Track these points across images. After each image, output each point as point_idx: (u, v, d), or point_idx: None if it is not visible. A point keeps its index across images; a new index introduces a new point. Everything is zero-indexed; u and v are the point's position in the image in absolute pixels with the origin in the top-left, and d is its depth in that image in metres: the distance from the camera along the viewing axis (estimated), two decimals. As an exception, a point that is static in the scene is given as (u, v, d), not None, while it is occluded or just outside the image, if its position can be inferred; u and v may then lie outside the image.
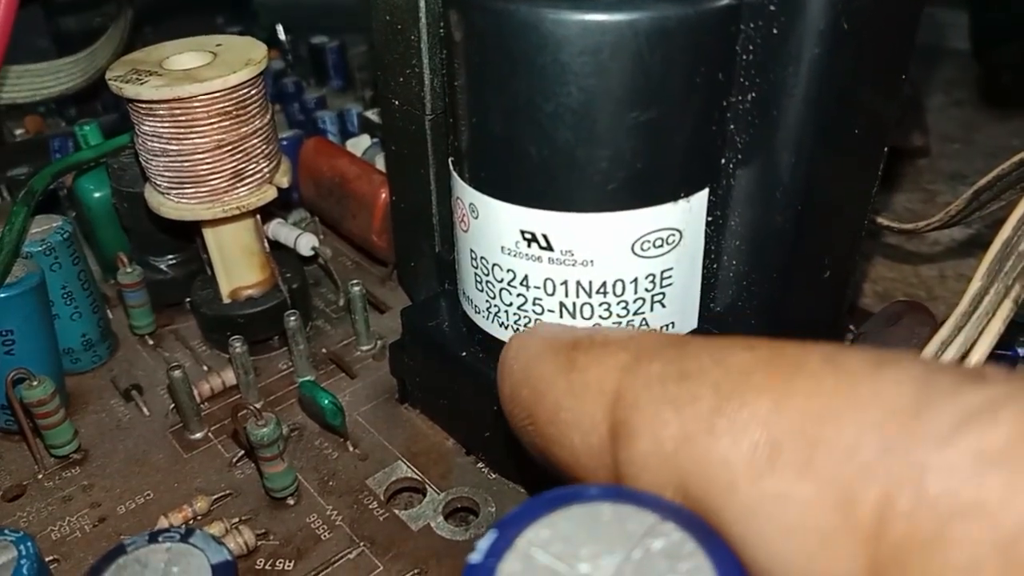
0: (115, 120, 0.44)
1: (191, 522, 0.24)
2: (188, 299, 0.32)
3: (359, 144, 0.36)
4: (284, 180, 0.29)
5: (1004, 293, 0.18)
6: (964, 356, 0.18)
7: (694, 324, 0.23)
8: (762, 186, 0.21)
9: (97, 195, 0.33)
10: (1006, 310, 0.18)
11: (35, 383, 0.25)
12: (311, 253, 0.32)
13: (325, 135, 0.39)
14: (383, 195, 0.32)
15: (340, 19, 0.50)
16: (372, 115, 0.37)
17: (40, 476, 0.26)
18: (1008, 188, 0.25)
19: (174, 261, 0.32)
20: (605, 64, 0.18)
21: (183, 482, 0.26)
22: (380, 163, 0.34)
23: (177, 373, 0.26)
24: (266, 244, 0.30)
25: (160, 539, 0.17)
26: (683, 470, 0.13)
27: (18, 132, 0.44)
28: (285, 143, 0.36)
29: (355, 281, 0.30)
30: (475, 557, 0.11)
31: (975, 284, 0.18)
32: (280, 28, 0.49)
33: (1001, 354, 0.22)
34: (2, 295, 0.25)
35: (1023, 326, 0.23)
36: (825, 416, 0.11)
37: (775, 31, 0.18)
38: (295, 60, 0.49)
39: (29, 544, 0.19)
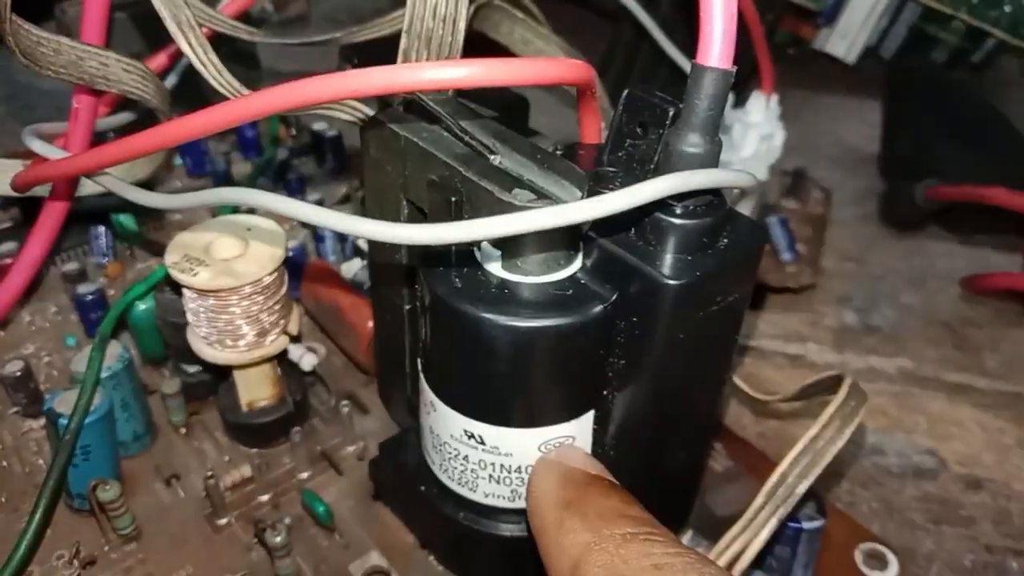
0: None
1: (221, 597, 0.34)
2: (213, 396, 0.41)
3: (352, 267, 0.45)
4: (294, 328, 0.38)
5: (771, 513, 0.27)
6: (738, 556, 0.27)
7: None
8: (629, 410, 0.30)
9: (142, 307, 0.41)
10: (771, 526, 0.27)
11: (108, 488, 0.34)
12: (310, 369, 0.41)
13: (326, 257, 0.47)
14: (370, 325, 0.41)
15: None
16: (363, 244, 0.46)
17: (107, 548, 0.35)
18: (823, 391, 0.34)
19: (204, 367, 0.41)
20: (523, 352, 0.27)
21: (214, 559, 0.35)
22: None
23: (211, 481, 0.35)
24: (278, 370, 0.39)
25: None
26: None
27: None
28: (292, 254, 0.45)
29: (345, 403, 0.39)
30: None
31: (758, 500, 0.28)
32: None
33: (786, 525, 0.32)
34: (87, 421, 0.34)
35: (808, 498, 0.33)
36: None
37: (636, 332, 0.27)
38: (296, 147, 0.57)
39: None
